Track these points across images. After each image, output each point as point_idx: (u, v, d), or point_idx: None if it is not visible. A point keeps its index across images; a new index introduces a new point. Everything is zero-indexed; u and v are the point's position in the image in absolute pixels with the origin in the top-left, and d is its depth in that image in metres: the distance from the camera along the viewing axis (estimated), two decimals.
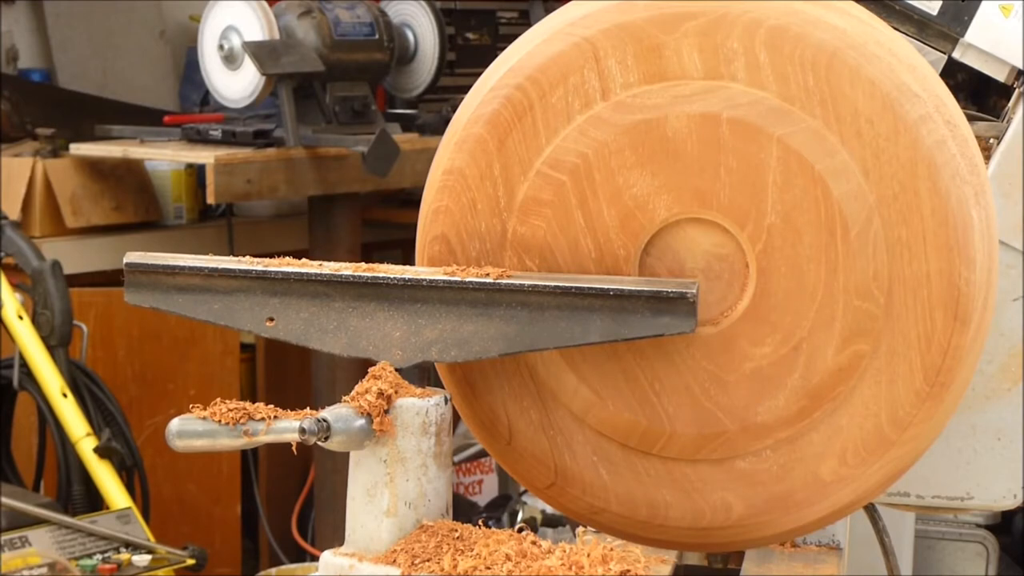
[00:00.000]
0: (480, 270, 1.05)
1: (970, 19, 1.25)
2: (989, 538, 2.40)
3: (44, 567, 2.82)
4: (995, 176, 1.23)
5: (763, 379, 1.06)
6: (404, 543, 1.03)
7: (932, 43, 1.25)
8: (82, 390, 3.29)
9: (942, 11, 1.25)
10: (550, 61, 1.08)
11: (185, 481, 3.82)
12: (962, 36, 1.25)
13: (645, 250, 1.06)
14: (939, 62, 1.25)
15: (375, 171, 3.37)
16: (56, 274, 3.27)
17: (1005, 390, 1.26)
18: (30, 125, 4.03)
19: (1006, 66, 1.26)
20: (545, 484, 1.11)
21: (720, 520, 1.09)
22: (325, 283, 1.05)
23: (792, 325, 1.05)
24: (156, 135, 3.72)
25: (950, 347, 1.04)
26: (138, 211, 3.90)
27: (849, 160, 1.01)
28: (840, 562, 1.24)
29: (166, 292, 1.07)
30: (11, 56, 4.49)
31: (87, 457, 3.17)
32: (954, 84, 1.26)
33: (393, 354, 1.04)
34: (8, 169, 3.72)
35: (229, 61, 3.54)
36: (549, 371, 1.07)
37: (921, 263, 1.03)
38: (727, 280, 1.06)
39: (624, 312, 1.01)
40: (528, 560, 0.99)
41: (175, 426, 1.01)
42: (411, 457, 1.03)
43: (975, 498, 1.27)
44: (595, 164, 1.05)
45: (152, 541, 2.98)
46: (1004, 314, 1.24)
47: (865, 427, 1.05)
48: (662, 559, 1.19)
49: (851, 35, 1.02)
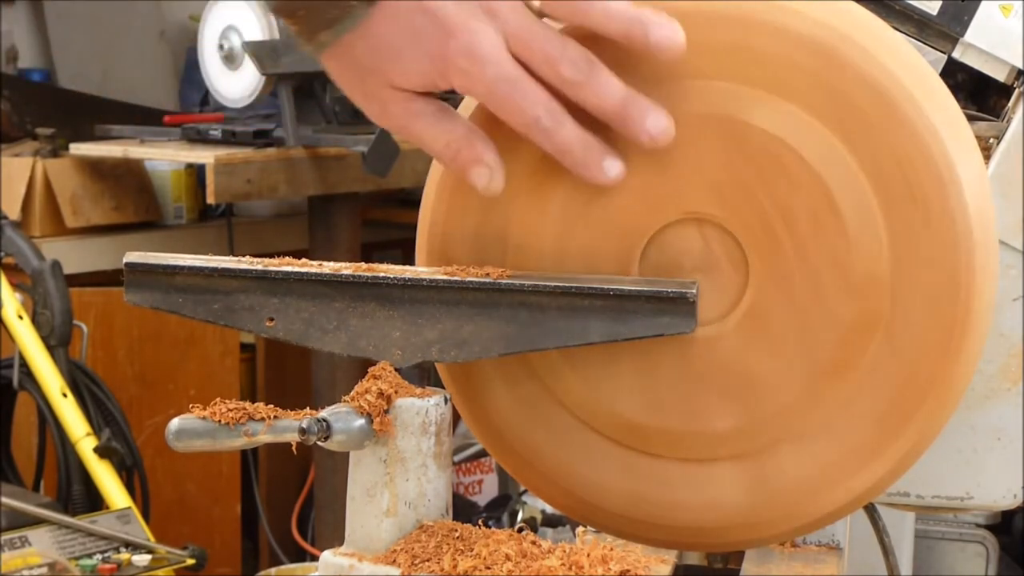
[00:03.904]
0: (480, 270, 1.05)
1: (970, 19, 1.25)
2: (989, 538, 2.40)
3: (44, 567, 2.82)
4: (995, 176, 1.23)
5: (743, 386, 1.05)
6: (404, 543, 1.03)
7: (932, 43, 1.25)
8: (82, 390, 3.29)
9: (942, 11, 1.25)
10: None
11: (185, 481, 3.82)
12: (962, 36, 1.25)
13: (646, 248, 1.06)
14: (939, 62, 1.25)
15: (375, 171, 3.37)
16: (56, 274, 3.27)
17: (1005, 390, 1.26)
18: (30, 125, 4.04)
19: (1006, 66, 1.26)
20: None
21: (664, 520, 1.09)
22: (325, 283, 1.05)
23: (783, 340, 1.05)
24: (156, 135, 3.72)
25: (960, 360, 1.04)
26: (138, 211, 3.90)
27: (880, 220, 1.02)
28: (840, 562, 1.24)
29: (166, 292, 1.07)
30: (11, 56, 4.49)
31: (87, 457, 3.17)
32: (954, 84, 1.26)
33: (393, 354, 1.04)
34: (8, 169, 3.72)
35: (229, 61, 3.54)
36: (543, 360, 1.07)
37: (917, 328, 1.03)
38: (726, 283, 1.06)
39: (624, 312, 1.01)
40: (528, 560, 0.99)
41: (175, 426, 1.01)
42: (411, 457, 1.03)
43: (975, 498, 1.27)
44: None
45: (152, 541, 2.98)
46: (1004, 314, 1.24)
47: (827, 464, 1.06)
48: (662, 559, 1.19)
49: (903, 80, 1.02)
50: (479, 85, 0.99)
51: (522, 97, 0.99)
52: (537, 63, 0.99)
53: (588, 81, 0.99)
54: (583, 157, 1.01)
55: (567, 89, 0.99)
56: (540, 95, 0.99)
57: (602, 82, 0.99)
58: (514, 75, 0.98)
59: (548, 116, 0.99)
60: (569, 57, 0.99)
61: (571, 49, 0.99)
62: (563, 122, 1.00)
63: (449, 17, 0.97)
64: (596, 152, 1.01)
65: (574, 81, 0.99)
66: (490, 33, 0.98)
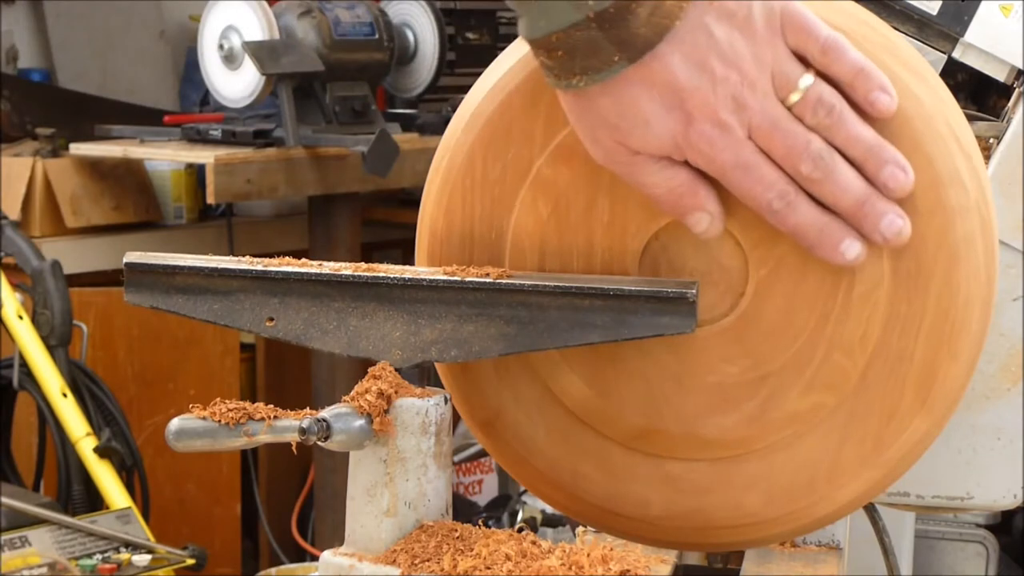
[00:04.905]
0: (480, 270, 1.05)
1: (970, 19, 1.25)
2: (989, 538, 2.40)
3: (44, 567, 2.82)
4: (995, 176, 1.23)
5: (721, 395, 1.06)
6: (404, 543, 1.03)
7: (932, 43, 1.25)
8: (82, 390, 3.29)
9: (942, 11, 1.25)
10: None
11: (185, 481, 3.82)
12: (962, 36, 1.25)
13: (646, 248, 1.06)
14: (939, 62, 1.25)
15: (375, 171, 3.37)
16: (56, 274, 3.27)
17: (1005, 390, 1.26)
18: (30, 125, 4.04)
19: (1006, 66, 1.26)
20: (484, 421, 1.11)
21: (637, 513, 1.09)
22: (325, 283, 1.05)
23: (767, 356, 1.05)
24: (156, 135, 3.72)
25: (910, 429, 1.04)
26: (138, 211, 3.90)
27: None
28: (840, 562, 1.24)
29: (166, 292, 1.07)
30: (11, 56, 4.49)
31: (87, 457, 3.17)
32: (954, 84, 1.26)
33: (393, 354, 1.04)
34: (8, 169, 3.72)
35: (229, 61, 3.54)
36: (543, 360, 1.07)
37: (910, 342, 1.03)
38: (722, 291, 1.06)
39: (624, 312, 1.01)
40: (528, 560, 0.99)
41: (174, 426, 1.01)
42: (411, 457, 1.03)
43: (975, 498, 1.27)
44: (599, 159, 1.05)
45: (152, 541, 2.98)
46: (1004, 314, 1.24)
47: (799, 476, 1.06)
48: (662, 559, 1.19)
49: (927, 108, 1.02)
50: (715, 167, 0.98)
51: (756, 182, 0.98)
52: (779, 157, 0.98)
53: (826, 179, 0.98)
54: (818, 240, 1.00)
55: (805, 185, 0.98)
56: (775, 179, 0.98)
57: (840, 181, 0.98)
58: (751, 162, 0.98)
59: (781, 201, 0.98)
60: (811, 154, 0.98)
61: (814, 145, 0.98)
62: (797, 206, 0.99)
63: (701, 105, 0.96)
64: (832, 236, 1.00)
65: (813, 179, 0.98)
66: (734, 127, 0.97)
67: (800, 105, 0.98)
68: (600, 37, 0.95)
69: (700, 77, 0.96)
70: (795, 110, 0.98)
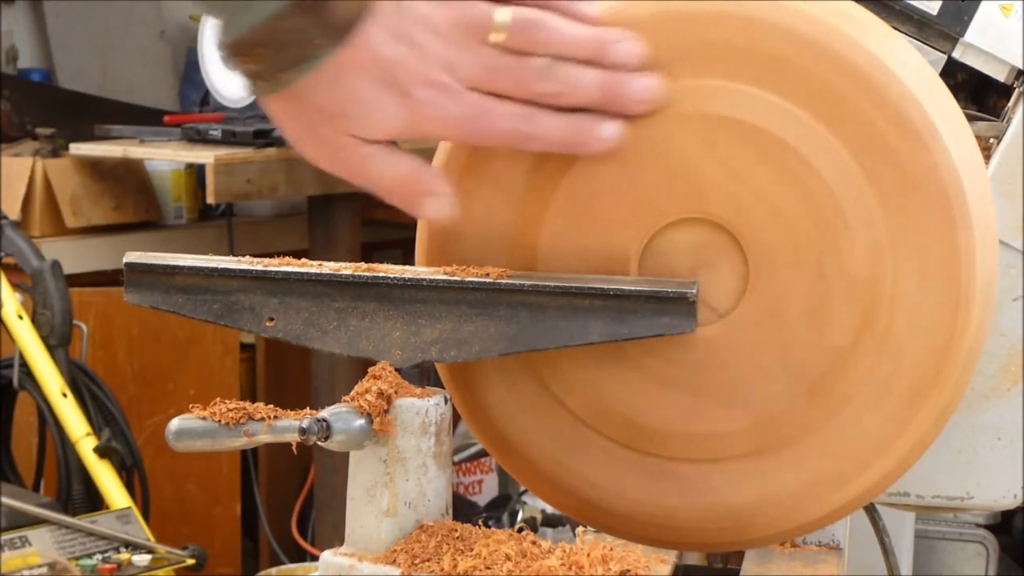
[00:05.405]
0: (480, 270, 1.05)
1: (970, 19, 1.25)
2: (989, 538, 2.40)
3: (44, 567, 2.82)
4: (995, 176, 1.23)
5: (721, 395, 1.06)
6: (404, 543, 1.03)
7: (932, 43, 1.25)
8: (82, 390, 3.29)
9: (942, 11, 1.25)
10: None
11: (185, 481, 3.82)
12: (962, 36, 1.25)
13: (646, 248, 1.06)
14: (939, 62, 1.25)
15: None
16: (56, 274, 3.27)
17: (1005, 390, 1.26)
18: (30, 125, 4.04)
19: (1006, 66, 1.26)
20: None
21: (637, 513, 1.09)
22: (325, 283, 1.05)
23: (767, 356, 1.05)
24: (156, 135, 3.72)
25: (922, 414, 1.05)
26: (138, 211, 3.90)
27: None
28: (840, 562, 1.24)
29: (166, 292, 1.07)
30: (11, 56, 4.49)
31: (87, 457, 3.17)
32: (954, 84, 1.26)
33: (393, 354, 1.04)
34: (8, 169, 3.72)
35: None
36: (543, 360, 1.07)
37: (910, 342, 1.03)
38: (721, 291, 1.06)
39: (624, 312, 1.01)
40: (528, 560, 0.99)
41: (174, 426, 1.01)
42: (411, 457, 1.03)
43: (975, 498, 1.27)
44: (597, 160, 1.05)
45: (152, 541, 2.98)
46: (1004, 314, 1.24)
47: (800, 476, 1.06)
48: (662, 559, 1.19)
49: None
50: (452, 127, 0.99)
51: (497, 120, 0.99)
52: (512, 93, 0.99)
53: (563, 86, 0.99)
54: (576, 139, 1.01)
55: (551, 102, 0.99)
56: (510, 108, 0.99)
57: (575, 81, 0.99)
58: (482, 106, 0.99)
59: (523, 122, 0.99)
60: (537, 74, 0.99)
61: (535, 64, 0.99)
62: (539, 119, 1.00)
63: (412, 74, 0.97)
64: (586, 128, 1.01)
65: (551, 93, 0.99)
66: (451, 84, 0.98)
67: (508, 38, 0.98)
68: (305, 23, 0.95)
69: (404, 47, 0.97)
70: (506, 44, 0.98)
